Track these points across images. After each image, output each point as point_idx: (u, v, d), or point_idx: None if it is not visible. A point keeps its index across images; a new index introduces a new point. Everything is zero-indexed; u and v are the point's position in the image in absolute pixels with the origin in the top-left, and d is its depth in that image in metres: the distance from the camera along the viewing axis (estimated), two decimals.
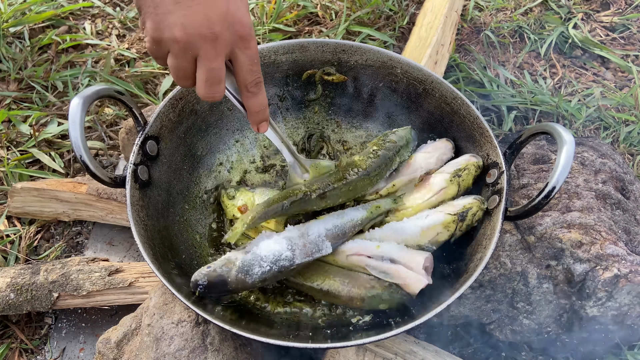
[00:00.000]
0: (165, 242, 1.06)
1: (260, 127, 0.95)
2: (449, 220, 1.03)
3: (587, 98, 1.66)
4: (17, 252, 1.36)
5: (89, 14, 1.92)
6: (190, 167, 1.20)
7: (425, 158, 1.16)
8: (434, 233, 1.04)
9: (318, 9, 1.87)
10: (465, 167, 1.10)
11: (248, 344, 1.05)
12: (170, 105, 1.11)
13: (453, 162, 1.13)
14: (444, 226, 1.04)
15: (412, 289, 0.98)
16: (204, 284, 0.95)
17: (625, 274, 1.05)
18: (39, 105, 1.63)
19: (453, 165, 1.12)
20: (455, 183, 1.09)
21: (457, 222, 1.03)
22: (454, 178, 1.09)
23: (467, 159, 1.12)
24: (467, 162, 1.11)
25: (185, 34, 0.75)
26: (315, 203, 1.06)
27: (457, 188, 1.09)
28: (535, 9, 1.92)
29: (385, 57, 1.23)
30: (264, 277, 0.96)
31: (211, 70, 0.79)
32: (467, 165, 1.10)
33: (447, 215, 1.04)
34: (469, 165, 1.10)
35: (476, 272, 0.94)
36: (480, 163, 1.11)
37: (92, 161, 0.93)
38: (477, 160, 1.11)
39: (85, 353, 1.24)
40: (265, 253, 0.97)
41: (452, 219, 1.03)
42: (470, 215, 1.04)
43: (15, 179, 1.46)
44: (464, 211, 1.04)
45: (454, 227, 1.04)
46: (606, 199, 1.18)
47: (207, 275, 0.96)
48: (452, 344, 1.24)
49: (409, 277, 0.98)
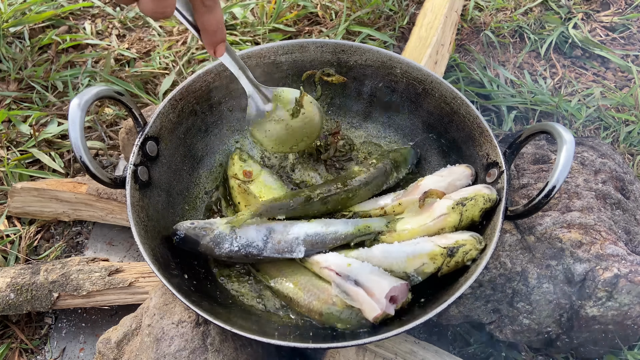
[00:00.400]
0: (165, 243, 1.06)
1: (217, 50, 0.85)
2: (436, 252, 0.97)
3: (587, 98, 1.66)
4: (17, 252, 1.36)
5: (89, 14, 1.92)
6: (190, 168, 1.20)
7: (436, 181, 1.10)
8: (419, 262, 0.98)
9: (318, 9, 1.87)
10: (473, 197, 1.01)
11: (248, 345, 1.05)
12: (170, 106, 1.11)
13: (463, 189, 1.06)
14: (430, 257, 0.98)
15: (367, 315, 0.94)
16: (181, 236, 1.04)
17: (625, 274, 1.05)
18: (39, 105, 1.63)
19: (461, 193, 1.04)
20: (457, 212, 1.01)
21: (444, 257, 0.97)
22: (456, 206, 1.01)
23: (478, 188, 1.03)
24: (477, 192, 1.02)
25: None
26: (316, 207, 1.08)
27: (459, 218, 1.01)
28: (535, 9, 1.92)
29: (385, 57, 1.23)
30: (230, 255, 1.03)
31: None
32: (475, 195, 1.01)
33: (436, 246, 0.98)
34: (477, 196, 1.01)
35: (476, 272, 0.94)
36: (494, 197, 1.02)
37: (92, 162, 0.93)
38: (490, 192, 1.02)
39: (85, 353, 1.24)
40: (240, 234, 1.03)
41: (440, 252, 0.97)
42: (461, 252, 0.96)
43: (15, 179, 1.46)
44: (455, 246, 0.97)
45: (441, 261, 0.97)
46: (606, 199, 1.18)
47: (186, 230, 1.04)
48: (452, 344, 1.24)
49: (365, 302, 0.93)
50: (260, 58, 1.22)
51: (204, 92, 1.18)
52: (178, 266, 1.04)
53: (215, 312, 0.92)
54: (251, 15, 1.84)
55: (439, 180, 1.11)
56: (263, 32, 1.78)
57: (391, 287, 0.93)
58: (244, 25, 1.81)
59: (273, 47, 1.22)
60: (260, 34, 1.77)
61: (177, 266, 1.03)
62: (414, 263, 0.99)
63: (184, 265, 1.06)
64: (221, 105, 1.24)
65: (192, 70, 1.71)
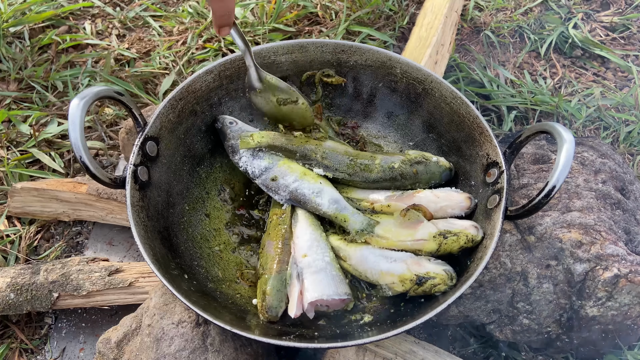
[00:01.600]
0: (166, 243, 1.06)
1: (221, 30, 0.98)
2: (406, 277, 0.99)
3: (587, 98, 1.66)
4: (17, 252, 1.36)
5: (89, 14, 1.92)
6: (190, 168, 1.20)
7: (430, 200, 1.09)
8: (390, 280, 1.01)
9: (318, 9, 1.87)
10: (457, 233, 1.02)
11: (248, 345, 1.05)
12: (170, 106, 1.11)
13: (453, 220, 1.06)
14: (399, 279, 1.00)
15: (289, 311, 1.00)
16: (219, 127, 1.21)
17: (625, 274, 1.05)
18: (39, 105, 1.63)
19: (449, 223, 1.05)
20: (437, 242, 1.02)
21: (413, 283, 0.98)
22: (438, 236, 1.02)
23: (466, 226, 1.03)
24: (463, 230, 1.02)
25: None
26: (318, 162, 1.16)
27: (437, 248, 1.02)
28: (535, 8, 1.92)
29: (385, 57, 1.23)
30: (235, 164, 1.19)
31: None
32: (459, 232, 1.02)
33: (408, 270, 1.00)
34: (461, 233, 1.02)
35: (476, 272, 0.94)
36: (478, 238, 1.02)
37: (92, 162, 0.93)
38: (476, 234, 1.02)
39: (85, 353, 1.24)
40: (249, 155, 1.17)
41: (410, 277, 0.99)
42: (429, 284, 0.98)
43: (15, 179, 1.46)
44: (425, 277, 0.98)
45: (409, 286, 0.99)
46: (606, 199, 1.18)
47: (223, 124, 1.20)
48: (452, 344, 1.24)
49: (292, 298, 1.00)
50: (260, 58, 1.22)
51: (204, 92, 1.18)
52: (178, 266, 1.04)
53: (215, 312, 0.93)
54: (251, 15, 1.84)
55: (433, 201, 1.09)
56: (263, 32, 1.78)
57: (319, 298, 0.98)
58: (244, 25, 1.81)
59: (273, 47, 1.22)
60: (260, 34, 1.77)
61: (177, 266, 1.03)
62: (385, 278, 1.02)
63: (184, 265, 1.06)
64: (221, 106, 1.24)
65: (192, 70, 1.71)
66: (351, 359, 1.05)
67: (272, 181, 1.14)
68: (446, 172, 1.17)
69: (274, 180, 1.14)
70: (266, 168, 1.15)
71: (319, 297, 0.98)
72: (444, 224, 1.05)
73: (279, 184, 1.13)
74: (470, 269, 0.98)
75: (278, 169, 1.14)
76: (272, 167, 1.15)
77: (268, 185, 1.14)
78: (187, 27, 1.85)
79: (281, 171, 1.14)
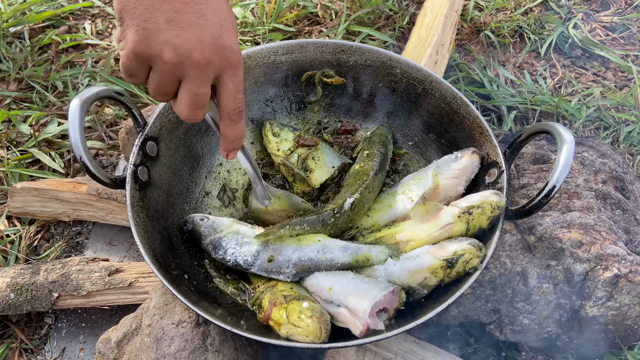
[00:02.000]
0: (165, 243, 1.06)
1: (230, 155, 0.91)
2: (436, 266, 0.96)
3: (587, 98, 1.66)
4: (17, 252, 1.36)
5: (89, 14, 1.92)
6: (190, 168, 1.20)
7: (454, 185, 1.08)
8: (421, 277, 0.98)
9: (318, 8, 1.87)
10: (480, 205, 0.98)
11: (248, 345, 1.05)
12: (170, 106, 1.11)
13: (470, 196, 1.03)
14: (430, 271, 0.96)
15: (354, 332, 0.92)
16: (189, 228, 1.10)
17: (625, 274, 1.05)
18: (39, 105, 1.63)
19: (468, 199, 1.02)
20: (464, 221, 0.99)
21: (445, 269, 0.95)
22: (462, 215, 0.99)
23: (486, 195, 1.00)
24: (484, 199, 0.99)
25: (177, 55, 0.71)
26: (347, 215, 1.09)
27: (466, 227, 0.99)
28: (535, 9, 1.92)
29: (385, 57, 1.23)
30: (221, 261, 1.07)
31: (197, 95, 0.76)
32: (482, 204, 0.98)
33: (435, 259, 0.96)
34: (484, 204, 0.98)
35: (476, 272, 0.94)
36: (502, 204, 0.98)
37: (92, 162, 0.93)
38: (499, 200, 0.98)
39: (85, 353, 1.24)
40: (235, 245, 1.05)
41: (440, 265, 0.95)
42: (461, 262, 0.94)
43: (15, 179, 1.46)
44: (454, 257, 0.95)
45: (442, 274, 0.96)
46: (606, 199, 1.18)
47: (194, 224, 1.09)
48: (452, 344, 1.24)
49: (349, 322, 0.92)
50: (260, 58, 1.22)
51: None
52: (178, 266, 1.04)
53: (215, 312, 0.93)
54: (251, 15, 1.84)
55: (456, 184, 1.09)
56: (263, 32, 1.78)
57: (373, 304, 0.91)
58: (244, 25, 1.81)
59: (273, 47, 1.22)
60: (260, 34, 1.77)
61: (177, 266, 1.03)
62: (416, 278, 0.98)
63: (184, 265, 1.06)
64: None
65: None
66: (351, 359, 1.05)
67: (269, 262, 1.02)
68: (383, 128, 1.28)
69: (272, 261, 1.02)
70: (258, 251, 1.03)
71: (370, 305, 0.91)
72: (464, 201, 1.02)
73: (279, 262, 1.02)
74: None
75: (271, 248, 1.03)
76: (264, 248, 1.04)
77: (267, 268, 1.02)
78: None
79: (275, 248, 1.03)
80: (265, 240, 1.04)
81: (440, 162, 1.13)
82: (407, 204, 1.12)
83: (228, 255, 1.04)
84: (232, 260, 1.04)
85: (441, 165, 1.12)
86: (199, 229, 1.08)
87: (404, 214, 1.11)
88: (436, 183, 1.10)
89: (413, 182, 1.14)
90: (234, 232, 1.06)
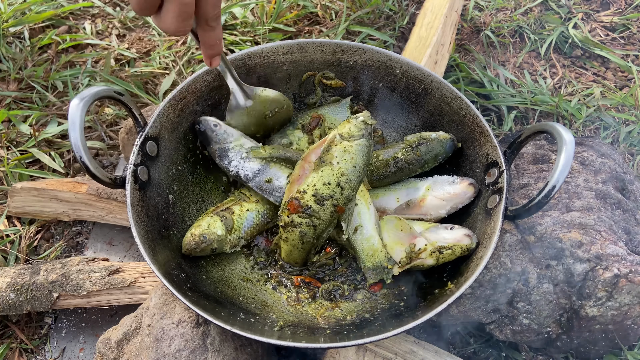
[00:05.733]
0: (166, 243, 1.06)
1: (213, 61, 0.97)
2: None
3: (587, 98, 1.66)
4: (17, 252, 1.36)
5: (89, 13, 1.92)
6: (190, 168, 1.20)
7: (438, 207, 1.14)
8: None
9: (318, 8, 1.87)
10: (451, 247, 1.05)
11: (248, 345, 1.05)
12: (170, 106, 1.11)
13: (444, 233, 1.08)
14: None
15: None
16: (202, 129, 1.16)
17: (625, 274, 1.05)
18: (39, 105, 1.63)
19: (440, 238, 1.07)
20: (434, 258, 1.06)
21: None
22: (433, 253, 1.06)
23: (458, 238, 1.06)
24: (456, 243, 1.05)
25: None
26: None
27: (436, 262, 1.06)
28: (535, 8, 1.92)
29: (385, 57, 1.23)
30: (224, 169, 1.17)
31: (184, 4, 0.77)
32: (453, 246, 1.05)
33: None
34: (455, 247, 1.05)
35: (476, 272, 0.94)
36: (473, 246, 1.05)
37: (92, 162, 0.93)
38: (470, 242, 1.05)
39: (85, 353, 1.24)
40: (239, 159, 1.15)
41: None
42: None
43: (15, 179, 1.46)
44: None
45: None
46: (606, 199, 1.18)
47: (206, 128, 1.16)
48: (452, 344, 1.24)
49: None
50: (260, 58, 1.22)
51: (204, 92, 1.18)
52: (178, 266, 1.04)
53: (215, 312, 0.93)
54: (251, 15, 1.84)
55: (442, 205, 1.13)
56: (263, 32, 1.78)
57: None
58: (244, 25, 1.81)
59: (273, 47, 1.22)
60: (260, 34, 1.77)
61: (177, 266, 1.03)
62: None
63: (184, 265, 1.06)
64: (221, 105, 1.24)
65: (192, 70, 1.71)
66: (351, 359, 1.05)
67: (266, 183, 1.14)
68: (449, 143, 1.18)
69: (269, 182, 1.13)
70: (259, 170, 1.14)
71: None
72: (436, 236, 1.08)
73: (273, 185, 1.13)
74: (470, 269, 0.98)
75: (271, 171, 1.14)
76: (265, 169, 1.14)
77: (262, 187, 1.14)
78: None
79: (274, 173, 1.14)
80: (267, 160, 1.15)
81: (438, 179, 1.17)
82: (392, 203, 1.18)
83: (232, 166, 1.15)
84: (234, 171, 1.15)
85: (437, 182, 1.16)
86: (210, 134, 1.15)
87: (385, 208, 1.18)
88: (424, 196, 1.15)
89: (404, 187, 1.19)
90: (240, 145, 1.16)
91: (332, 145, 1.05)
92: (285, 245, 1.10)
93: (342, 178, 1.03)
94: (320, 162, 1.04)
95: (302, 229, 1.05)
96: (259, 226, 1.15)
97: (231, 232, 1.10)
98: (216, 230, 1.07)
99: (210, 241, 1.06)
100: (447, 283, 1.01)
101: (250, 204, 1.15)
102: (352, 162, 1.04)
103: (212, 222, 1.08)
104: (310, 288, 1.11)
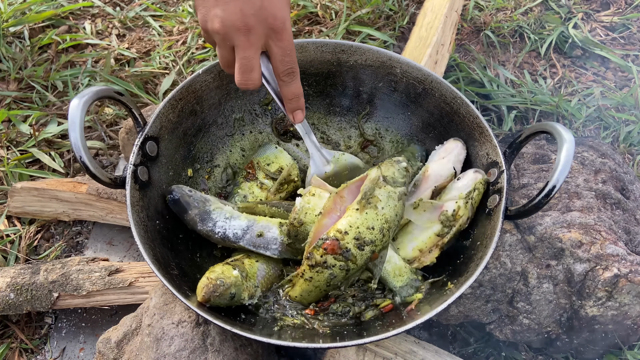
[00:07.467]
0: (166, 243, 1.06)
1: (295, 116, 1.02)
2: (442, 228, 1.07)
3: (587, 98, 1.66)
4: (17, 252, 1.36)
5: (89, 13, 1.92)
6: (190, 168, 1.20)
7: (442, 165, 1.12)
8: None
9: (318, 8, 1.87)
10: (475, 188, 1.06)
11: (248, 345, 1.05)
12: (170, 106, 1.11)
13: (460, 183, 1.08)
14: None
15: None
16: (175, 198, 1.07)
17: (625, 274, 1.05)
18: (39, 105, 1.63)
19: (461, 188, 1.08)
20: (470, 206, 1.05)
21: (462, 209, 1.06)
22: (467, 203, 1.05)
23: (472, 177, 1.07)
24: (475, 181, 1.06)
25: (223, 26, 0.86)
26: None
27: (472, 213, 1.06)
28: (535, 8, 1.92)
29: (385, 57, 1.23)
30: (209, 234, 1.07)
31: (244, 58, 0.88)
32: (475, 185, 1.06)
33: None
34: (477, 185, 1.06)
35: (476, 272, 0.94)
36: (487, 177, 1.07)
37: (91, 162, 0.93)
38: (482, 175, 1.07)
39: (85, 353, 1.24)
40: (224, 218, 1.07)
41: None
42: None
43: (15, 179, 1.46)
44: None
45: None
46: (606, 199, 1.18)
47: (181, 195, 1.07)
48: (452, 344, 1.24)
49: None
50: None
51: (204, 92, 1.18)
52: (178, 266, 1.04)
53: (215, 312, 0.93)
54: None
55: (444, 164, 1.12)
56: None
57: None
58: None
59: None
60: None
61: (177, 266, 1.03)
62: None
63: (184, 265, 1.06)
64: (221, 105, 1.24)
65: (192, 70, 1.71)
66: (351, 359, 1.05)
67: (258, 237, 1.07)
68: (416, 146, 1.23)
69: (261, 236, 1.07)
70: (248, 226, 1.07)
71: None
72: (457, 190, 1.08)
73: (267, 238, 1.07)
74: (470, 269, 0.98)
75: (260, 224, 1.07)
76: (253, 224, 1.07)
77: (256, 243, 1.07)
78: (187, 26, 1.85)
79: (264, 225, 1.07)
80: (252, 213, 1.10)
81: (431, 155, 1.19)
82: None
83: (217, 227, 1.06)
84: (220, 232, 1.06)
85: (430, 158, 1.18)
86: (187, 199, 1.07)
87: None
88: (425, 168, 1.15)
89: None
90: (220, 207, 1.09)
91: (377, 187, 1.01)
92: (306, 285, 1.00)
93: (385, 225, 0.98)
94: (366, 203, 0.99)
95: (333, 272, 0.97)
96: (272, 277, 1.07)
97: (247, 279, 1.01)
98: (231, 275, 0.98)
99: (227, 285, 0.95)
100: (447, 283, 1.01)
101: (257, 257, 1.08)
102: (395, 210, 1.01)
103: (226, 269, 0.99)
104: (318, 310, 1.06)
